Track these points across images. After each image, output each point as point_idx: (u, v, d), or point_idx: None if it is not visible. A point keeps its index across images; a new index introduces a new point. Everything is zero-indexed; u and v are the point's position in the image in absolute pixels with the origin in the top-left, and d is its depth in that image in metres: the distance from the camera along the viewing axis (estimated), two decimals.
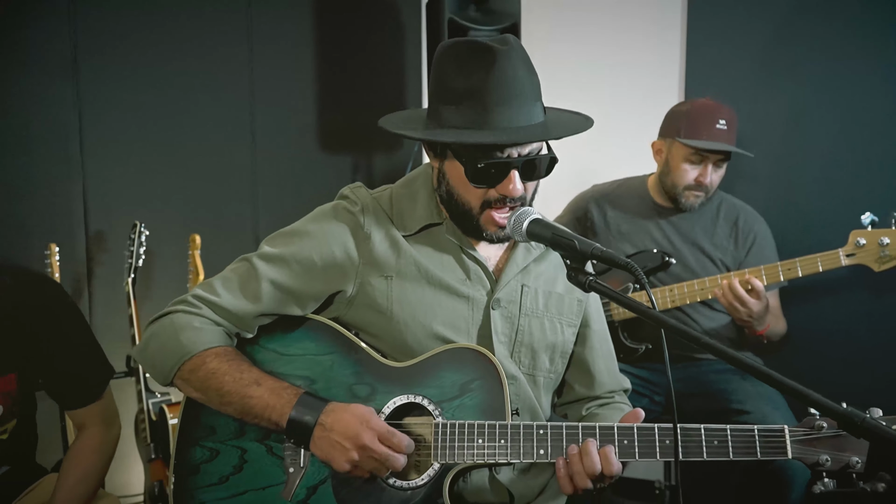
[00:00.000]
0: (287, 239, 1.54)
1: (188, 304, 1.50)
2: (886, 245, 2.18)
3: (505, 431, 1.39)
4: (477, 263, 1.54)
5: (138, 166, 3.04)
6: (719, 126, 2.43)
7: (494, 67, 1.38)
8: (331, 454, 1.37)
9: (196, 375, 1.46)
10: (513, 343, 1.55)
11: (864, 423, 0.89)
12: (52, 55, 2.88)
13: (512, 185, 1.41)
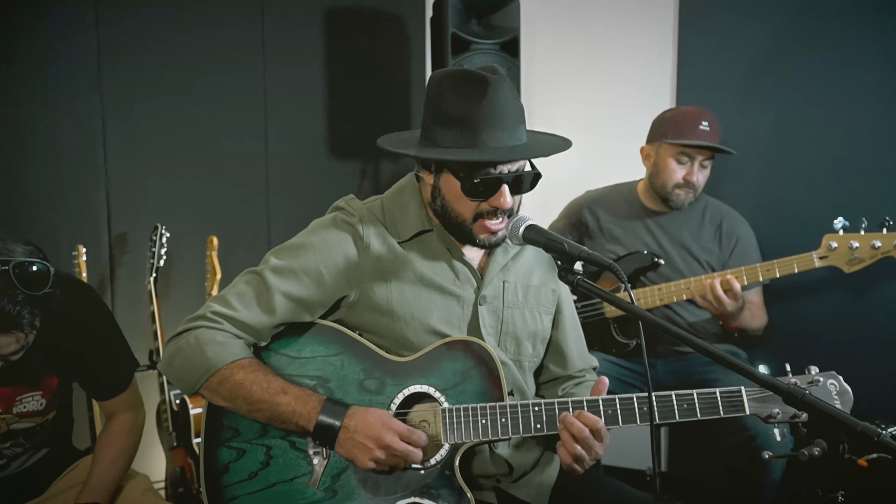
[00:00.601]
0: (293, 252, 1.64)
1: (208, 319, 1.59)
2: (856, 248, 2.31)
3: (505, 411, 1.54)
4: (465, 265, 1.68)
5: (159, 173, 3.13)
6: (702, 127, 2.56)
7: (487, 95, 1.52)
8: (354, 453, 1.51)
9: (224, 386, 1.56)
10: (499, 333, 1.69)
11: (804, 398, 1.05)
12: (79, 70, 2.96)
13: (503, 198, 1.55)
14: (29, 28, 2.87)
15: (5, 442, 1.77)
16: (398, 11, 3.66)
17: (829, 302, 2.82)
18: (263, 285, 1.61)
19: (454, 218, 1.62)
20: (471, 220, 1.60)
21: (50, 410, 1.82)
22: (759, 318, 2.63)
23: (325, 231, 1.66)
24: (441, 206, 1.63)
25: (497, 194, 1.56)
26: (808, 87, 2.88)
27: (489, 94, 1.53)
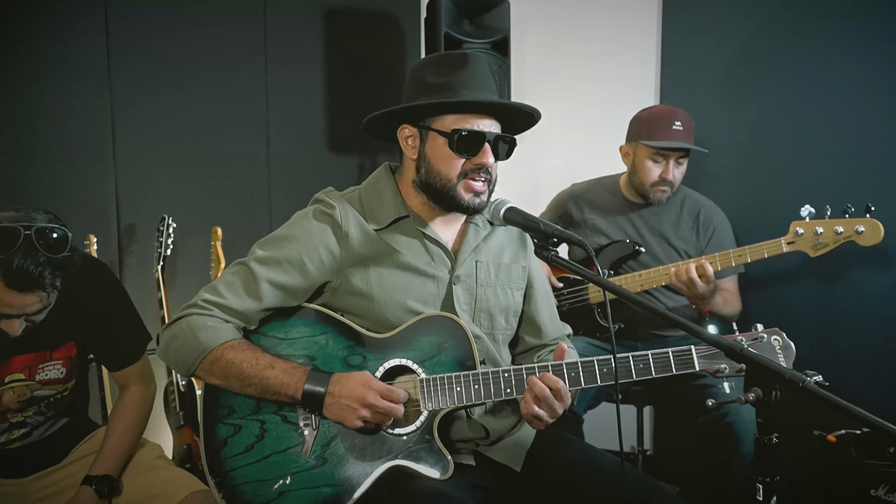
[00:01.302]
0: (277, 244, 1.76)
1: (199, 307, 1.71)
2: (820, 234, 2.43)
3: (477, 378, 1.68)
4: (439, 247, 1.80)
5: (165, 167, 3.24)
6: (675, 127, 2.67)
7: (466, 66, 1.70)
8: (341, 415, 1.64)
9: (217, 366, 1.68)
10: (473, 310, 1.82)
11: (742, 351, 1.19)
12: (89, 69, 3.08)
13: (486, 156, 1.70)
14: (42, 29, 2.99)
15: (28, 409, 1.90)
16: (394, 12, 3.76)
17: (802, 289, 2.95)
18: (250, 275, 1.72)
19: (440, 181, 1.73)
20: (456, 180, 1.72)
21: (69, 380, 1.95)
22: (733, 304, 2.76)
23: (306, 222, 1.78)
24: (426, 173, 1.75)
25: (481, 152, 1.70)
26: (786, 84, 2.99)
27: (469, 66, 1.71)
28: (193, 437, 2.84)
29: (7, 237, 1.62)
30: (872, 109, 2.79)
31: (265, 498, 1.67)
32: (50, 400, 1.93)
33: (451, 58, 1.75)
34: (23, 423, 1.92)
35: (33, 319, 1.74)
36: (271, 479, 1.68)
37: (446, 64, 1.73)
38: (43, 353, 1.87)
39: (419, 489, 1.62)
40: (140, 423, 2.04)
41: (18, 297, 1.65)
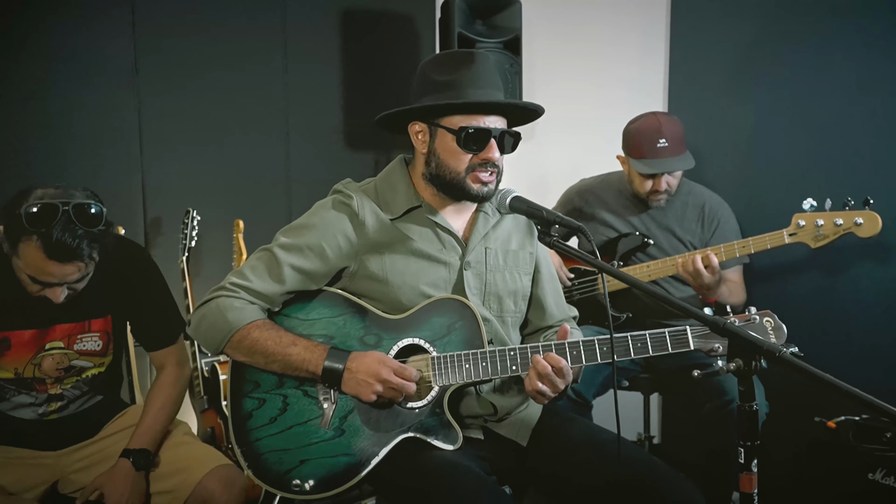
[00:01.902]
0: (299, 231, 1.88)
1: (227, 289, 1.84)
2: (821, 226, 2.51)
3: (485, 356, 1.78)
4: (450, 235, 1.91)
5: (190, 162, 3.34)
6: (661, 145, 2.73)
7: (472, 64, 1.79)
8: (358, 390, 1.75)
9: (243, 344, 1.81)
10: (483, 294, 1.93)
11: (724, 325, 1.29)
12: (117, 68, 3.18)
13: (492, 151, 1.80)
14: (74, 33, 3.10)
15: (66, 381, 2.04)
16: (409, 13, 3.86)
17: (803, 281, 3.04)
18: (274, 260, 1.84)
19: (449, 174, 1.84)
20: (465, 173, 1.82)
21: (105, 354, 2.08)
22: (737, 295, 2.83)
23: (325, 211, 1.90)
24: (436, 167, 1.85)
25: (487, 147, 1.80)
26: (789, 83, 3.07)
27: (474, 64, 1.81)
28: (216, 420, 2.97)
29: (48, 212, 1.75)
30: (871, 108, 2.86)
31: (287, 466, 1.79)
32: (88, 375, 2.06)
33: (457, 56, 1.86)
34: (60, 395, 2.05)
35: (75, 287, 1.86)
36: (293, 449, 1.80)
37: (453, 62, 1.83)
38: (82, 323, 2.01)
39: (430, 459, 1.73)
40: (175, 402, 2.17)
41: (59, 266, 1.77)
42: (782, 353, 1.21)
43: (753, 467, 1.28)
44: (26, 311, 1.93)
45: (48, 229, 1.74)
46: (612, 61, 3.64)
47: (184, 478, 2.00)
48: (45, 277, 1.80)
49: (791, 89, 3.05)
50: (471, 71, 1.81)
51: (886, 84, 2.80)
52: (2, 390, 1.99)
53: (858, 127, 2.88)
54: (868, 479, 2.47)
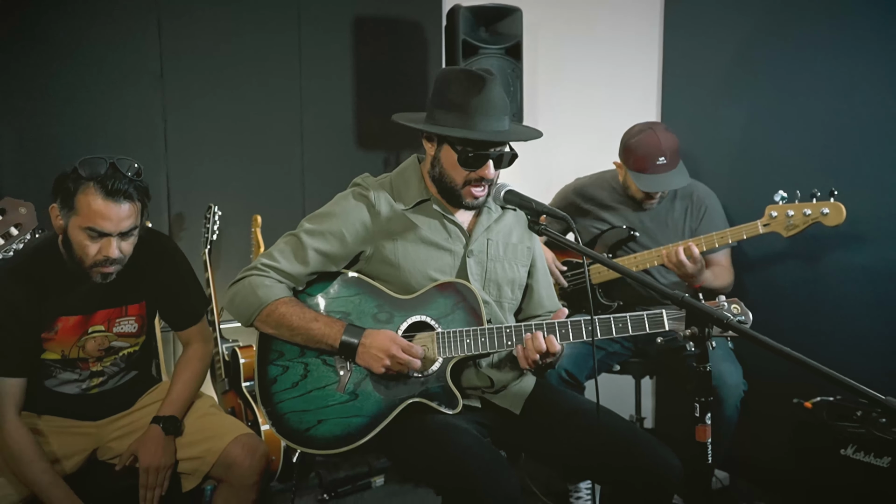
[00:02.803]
0: (321, 219, 2.11)
1: (258, 269, 2.08)
2: (791, 216, 2.68)
3: (485, 332, 2.00)
4: (455, 226, 2.12)
5: (211, 160, 3.54)
6: (659, 163, 2.90)
7: (483, 90, 1.97)
8: (369, 363, 1.97)
9: (271, 318, 2.04)
10: (484, 280, 2.13)
11: (682, 299, 1.50)
12: (144, 71, 3.39)
13: (488, 170, 2.00)
14: (102, 37, 3.32)
15: (106, 360, 2.25)
16: (417, 20, 4.02)
17: (787, 272, 3.21)
18: (299, 244, 2.07)
19: (448, 182, 2.06)
20: (461, 186, 2.04)
21: (140, 336, 2.30)
22: (723, 278, 2.99)
23: (346, 202, 2.12)
24: (438, 173, 2.07)
25: (484, 167, 2.01)
26: (773, 88, 3.23)
27: (485, 90, 1.98)
28: (237, 401, 3.19)
29: (97, 165, 1.98)
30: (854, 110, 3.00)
31: (306, 425, 2.02)
32: (124, 354, 2.28)
33: (472, 80, 1.99)
34: (101, 372, 2.27)
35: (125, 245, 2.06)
36: (312, 410, 2.03)
37: (467, 86, 1.98)
38: (119, 308, 2.22)
39: (433, 421, 1.95)
40: (200, 374, 2.38)
41: (115, 208, 1.98)
42: (730, 321, 1.41)
43: (707, 420, 1.48)
44: (73, 299, 2.14)
45: (101, 177, 1.97)
46: (607, 66, 3.80)
47: (210, 445, 2.21)
48: (103, 224, 1.99)
49: (780, 93, 3.21)
50: (481, 97, 1.97)
51: (861, 89, 2.96)
52: (49, 369, 2.21)
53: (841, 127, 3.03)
54: (841, 455, 2.62)
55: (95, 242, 2.02)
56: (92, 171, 1.98)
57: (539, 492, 3.25)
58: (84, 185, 1.98)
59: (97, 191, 1.98)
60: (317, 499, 3.26)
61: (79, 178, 1.98)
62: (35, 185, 3.17)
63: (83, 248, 2.02)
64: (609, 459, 1.93)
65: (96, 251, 2.02)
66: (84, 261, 2.04)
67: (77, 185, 1.99)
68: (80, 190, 1.99)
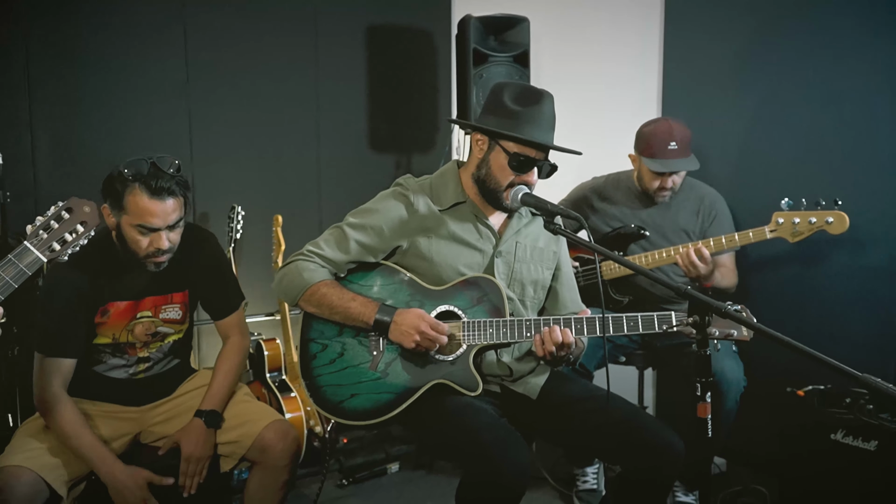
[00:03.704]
0: (365, 214, 2.31)
1: (304, 255, 2.29)
2: (797, 224, 2.82)
3: (506, 323, 2.17)
4: (487, 228, 2.31)
5: (234, 163, 3.71)
6: (671, 147, 3.05)
7: (540, 103, 2.16)
8: (401, 338, 2.15)
9: (314, 297, 2.24)
10: (510, 279, 2.32)
11: (685, 291, 1.68)
12: (171, 80, 3.57)
13: (532, 176, 2.19)
14: (132, 49, 3.50)
15: (152, 346, 2.43)
16: (428, 29, 4.20)
17: (790, 272, 3.37)
18: (343, 235, 2.28)
19: (493, 183, 2.22)
20: (503, 188, 2.22)
21: (184, 322, 2.47)
22: (729, 278, 3.16)
23: (387, 200, 2.32)
24: (484, 174, 2.24)
25: (530, 172, 2.20)
26: (773, 89, 3.37)
27: (541, 102, 2.17)
28: (261, 391, 3.36)
29: (139, 165, 2.16)
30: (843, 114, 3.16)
31: (341, 398, 2.22)
32: (169, 341, 2.46)
33: (531, 93, 2.19)
34: (147, 358, 2.44)
35: (172, 239, 2.24)
36: (346, 385, 2.23)
37: (525, 97, 2.18)
38: (166, 296, 2.40)
39: (454, 400, 2.14)
40: (239, 367, 2.55)
41: (160, 205, 2.16)
42: (726, 309, 1.59)
43: (707, 398, 1.67)
44: (124, 285, 2.33)
45: (145, 177, 2.15)
46: (610, 72, 3.96)
47: (246, 430, 2.38)
48: (152, 221, 2.17)
49: (781, 93, 3.35)
50: (536, 109, 2.16)
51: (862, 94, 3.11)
52: (100, 354, 2.38)
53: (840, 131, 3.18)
54: (831, 439, 2.78)
55: (146, 237, 2.20)
56: (136, 172, 2.15)
57: (548, 476, 3.44)
58: (130, 187, 2.16)
59: (143, 191, 2.16)
60: (336, 483, 3.44)
61: (125, 180, 2.16)
62: (69, 186, 3.34)
63: (136, 243, 2.21)
64: (617, 440, 2.11)
65: (148, 244, 2.21)
66: (138, 253, 2.23)
67: (124, 187, 2.17)
68: (127, 191, 2.16)
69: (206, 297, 2.55)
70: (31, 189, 3.34)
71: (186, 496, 2.31)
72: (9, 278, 1.79)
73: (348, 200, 2.55)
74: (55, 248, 1.84)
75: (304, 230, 3.76)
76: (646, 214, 3.26)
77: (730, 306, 1.97)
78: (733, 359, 2.99)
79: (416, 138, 4.22)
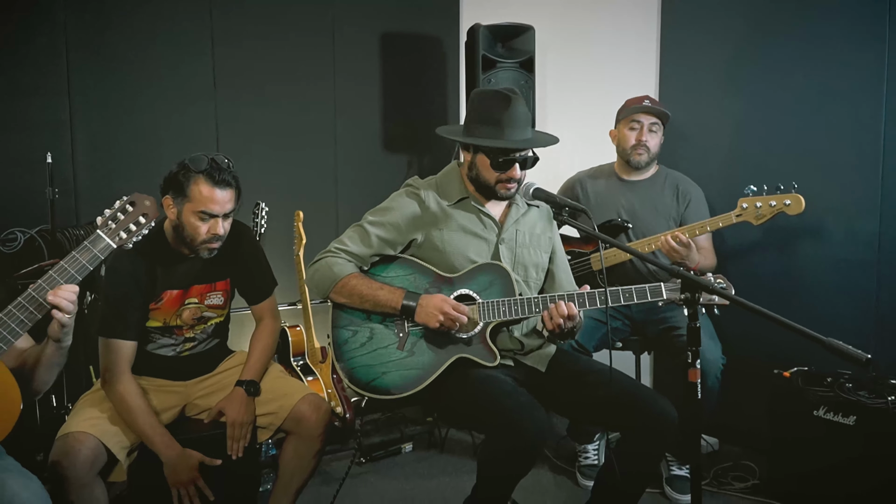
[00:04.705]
0: (382, 212, 2.56)
1: (332, 252, 2.53)
2: (759, 207, 3.05)
3: (517, 301, 2.43)
4: (490, 219, 2.57)
5: (259, 162, 3.90)
6: (645, 103, 3.39)
7: (510, 106, 2.42)
8: (426, 319, 2.39)
9: (345, 289, 2.48)
10: (513, 263, 2.58)
11: (677, 271, 1.93)
12: (199, 85, 3.79)
13: (515, 172, 2.45)
14: (163, 55, 3.74)
15: (197, 328, 2.67)
16: (439, 36, 4.41)
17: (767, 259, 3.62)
18: (364, 232, 2.53)
19: (483, 181, 2.51)
20: (494, 183, 2.49)
21: (225, 308, 2.71)
22: (709, 258, 3.40)
23: (401, 199, 2.58)
24: (475, 175, 2.52)
25: (512, 169, 2.46)
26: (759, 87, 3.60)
27: (511, 106, 2.43)
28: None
29: (201, 161, 2.41)
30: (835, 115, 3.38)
31: (372, 376, 2.46)
32: (211, 323, 2.70)
33: (499, 98, 2.44)
34: (192, 338, 2.68)
35: (226, 227, 2.47)
36: (376, 365, 2.47)
37: (495, 104, 2.45)
38: (210, 284, 2.65)
39: (475, 372, 2.40)
40: (272, 346, 2.79)
41: (221, 193, 2.41)
42: (713, 285, 1.85)
43: (697, 364, 1.91)
44: (174, 275, 2.57)
45: (207, 170, 2.40)
46: (609, 77, 4.19)
47: (282, 403, 2.62)
48: (212, 207, 2.41)
49: (766, 91, 3.59)
50: (508, 113, 2.43)
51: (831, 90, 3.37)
52: (150, 335, 2.62)
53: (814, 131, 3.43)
54: (814, 416, 3.02)
55: (205, 223, 2.44)
56: (199, 165, 2.41)
57: (551, 454, 3.69)
58: (195, 177, 2.41)
59: (206, 181, 2.41)
60: (354, 462, 3.68)
61: (189, 172, 2.42)
62: (107, 184, 3.59)
63: (196, 229, 2.45)
64: (617, 407, 2.35)
65: (206, 230, 2.45)
66: (195, 239, 2.46)
67: (188, 178, 2.42)
68: (191, 181, 2.42)
69: (243, 285, 2.78)
70: (72, 187, 3.57)
71: (234, 458, 2.54)
72: (85, 262, 2.03)
73: (363, 197, 2.75)
74: (122, 236, 2.08)
75: (323, 225, 4.00)
76: (625, 200, 3.51)
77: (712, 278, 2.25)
78: (712, 339, 3.22)
79: (427, 139, 4.40)
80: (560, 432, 3.78)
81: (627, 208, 3.51)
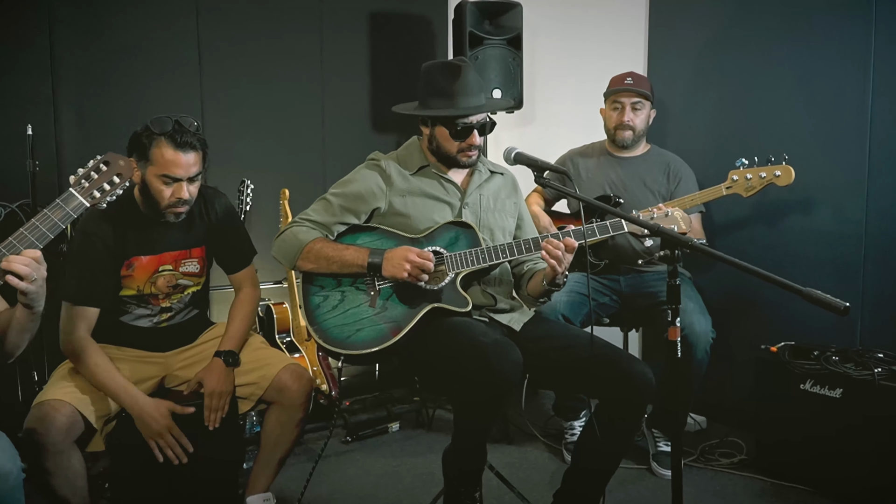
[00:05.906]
0: (345, 184, 2.59)
1: (297, 222, 2.54)
2: (749, 179, 3.02)
3: (483, 250, 2.44)
4: (452, 184, 2.59)
5: (244, 140, 3.91)
6: (627, 81, 3.40)
7: (460, 75, 2.46)
8: (393, 272, 2.37)
9: (311, 254, 2.48)
10: (479, 226, 2.57)
11: (658, 229, 1.91)
12: (184, 61, 3.79)
13: (474, 138, 2.48)
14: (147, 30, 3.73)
15: (174, 296, 2.64)
16: (426, 14, 4.42)
17: (755, 234, 3.62)
18: (328, 202, 2.55)
19: (445, 153, 2.54)
20: (455, 152, 2.53)
21: (202, 276, 2.68)
22: (699, 237, 3.39)
23: (363, 170, 2.62)
24: (436, 146, 2.55)
25: (471, 136, 2.49)
26: (741, 74, 3.61)
27: (462, 75, 2.47)
28: None
29: (165, 123, 2.36)
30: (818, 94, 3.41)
31: (347, 333, 2.44)
32: (188, 293, 2.67)
33: (450, 69, 2.49)
34: (169, 308, 2.65)
35: (191, 191, 2.43)
36: (350, 323, 2.46)
37: (446, 75, 2.49)
38: (186, 250, 2.62)
39: (452, 319, 2.39)
40: (251, 315, 2.77)
41: (184, 157, 2.36)
42: (693, 242, 1.83)
43: (677, 323, 1.89)
44: (146, 241, 2.54)
45: (170, 132, 2.36)
46: (598, 55, 4.18)
47: (263, 373, 2.61)
48: (175, 171, 2.37)
49: (748, 79, 3.61)
50: (460, 83, 2.46)
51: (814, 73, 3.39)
52: (126, 305, 2.59)
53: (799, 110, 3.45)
54: (800, 389, 3.03)
55: (169, 187, 2.40)
56: (162, 128, 2.37)
57: (538, 433, 3.67)
58: (157, 140, 2.37)
59: (168, 143, 2.37)
60: (341, 440, 3.66)
61: (151, 134, 2.37)
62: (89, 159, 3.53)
63: (159, 193, 2.41)
64: (595, 371, 2.32)
65: (170, 194, 2.41)
66: (160, 203, 2.43)
67: (150, 140, 2.38)
68: (153, 144, 2.37)
69: (220, 252, 2.75)
70: (55, 162, 3.56)
71: (212, 429, 2.52)
72: (57, 220, 1.99)
73: None
74: (95, 195, 2.05)
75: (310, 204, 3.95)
76: (615, 176, 3.50)
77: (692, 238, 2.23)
78: (701, 313, 3.20)
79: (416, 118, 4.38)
80: (547, 412, 3.75)
81: (616, 183, 3.49)
